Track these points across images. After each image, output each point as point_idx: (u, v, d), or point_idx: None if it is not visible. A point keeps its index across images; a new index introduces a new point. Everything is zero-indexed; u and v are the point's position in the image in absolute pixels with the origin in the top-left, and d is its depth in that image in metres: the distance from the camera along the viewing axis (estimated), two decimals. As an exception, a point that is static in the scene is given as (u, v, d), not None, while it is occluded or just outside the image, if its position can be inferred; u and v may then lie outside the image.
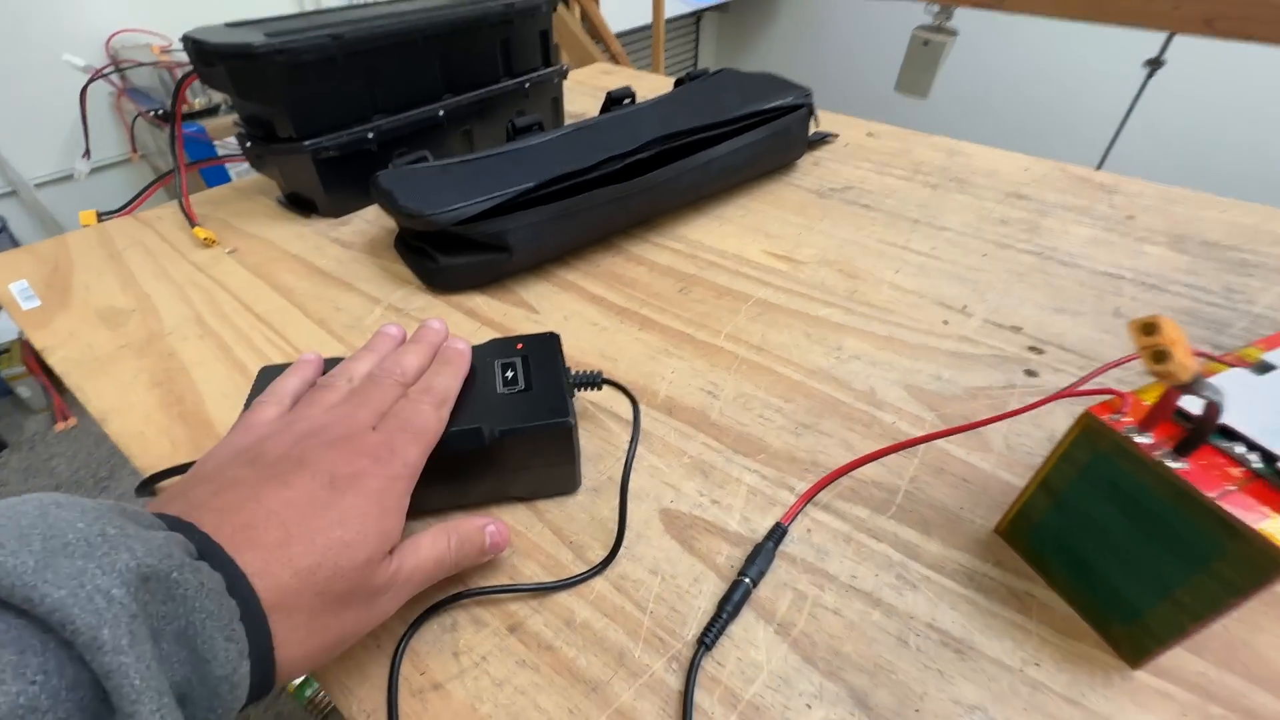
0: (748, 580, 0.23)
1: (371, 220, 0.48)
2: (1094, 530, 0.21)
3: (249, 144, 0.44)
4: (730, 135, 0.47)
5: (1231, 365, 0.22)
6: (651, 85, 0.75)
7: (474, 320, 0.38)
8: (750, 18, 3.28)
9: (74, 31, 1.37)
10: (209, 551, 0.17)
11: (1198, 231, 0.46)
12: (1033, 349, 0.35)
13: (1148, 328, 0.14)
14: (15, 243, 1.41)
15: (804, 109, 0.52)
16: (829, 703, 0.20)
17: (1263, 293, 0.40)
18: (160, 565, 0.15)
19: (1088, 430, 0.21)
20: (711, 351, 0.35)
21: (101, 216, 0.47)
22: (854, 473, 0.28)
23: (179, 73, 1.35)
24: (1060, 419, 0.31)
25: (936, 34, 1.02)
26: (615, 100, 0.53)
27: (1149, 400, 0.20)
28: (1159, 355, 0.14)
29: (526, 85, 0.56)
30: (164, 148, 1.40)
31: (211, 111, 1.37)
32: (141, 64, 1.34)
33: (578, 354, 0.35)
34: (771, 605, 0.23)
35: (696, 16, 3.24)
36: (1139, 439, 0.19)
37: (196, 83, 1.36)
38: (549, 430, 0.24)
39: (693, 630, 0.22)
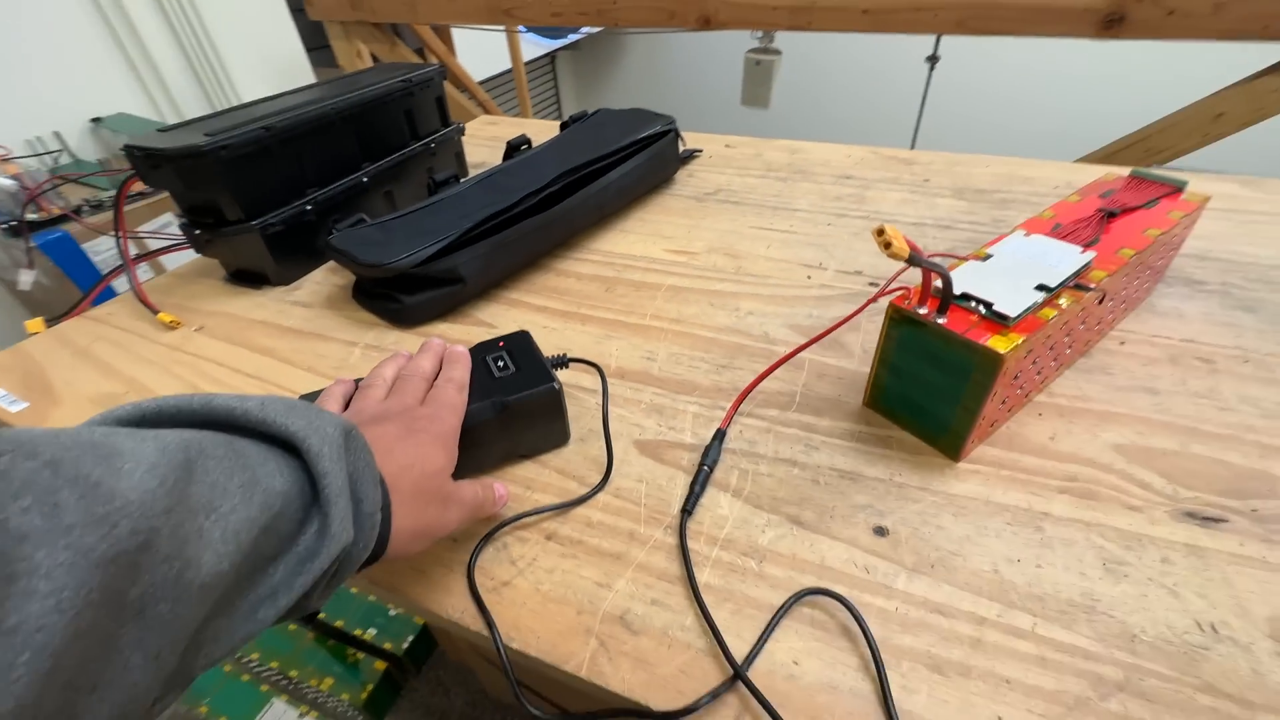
0: (706, 467, 0.33)
1: (321, 281, 0.53)
2: (916, 380, 0.33)
3: (197, 231, 0.49)
4: (618, 163, 0.58)
5: (969, 259, 0.34)
6: (538, 129, 0.85)
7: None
8: (600, 53, 3.49)
9: (-111, 153, 1.26)
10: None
11: (972, 183, 0.62)
12: (871, 284, 0.48)
13: (880, 231, 0.25)
14: None
15: (671, 133, 0.63)
16: (775, 527, 0.30)
17: (1017, 218, 0.56)
18: (349, 427, 0.23)
19: (893, 314, 0.32)
20: (642, 330, 0.45)
21: (50, 322, 0.49)
22: (761, 387, 0.38)
23: (26, 179, 1.28)
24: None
25: (765, 54, 1.20)
26: (515, 147, 0.62)
27: (929, 290, 0.32)
28: (886, 244, 0.25)
29: (432, 145, 0.64)
30: (18, 259, 1.31)
31: (67, 217, 1.30)
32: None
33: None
34: (726, 480, 0.33)
35: (551, 57, 3.41)
36: (920, 310, 0.31)
37: (44, 190, 1.28)
38: (543, 394, 0.33)
39: (675, 507, 0.31)
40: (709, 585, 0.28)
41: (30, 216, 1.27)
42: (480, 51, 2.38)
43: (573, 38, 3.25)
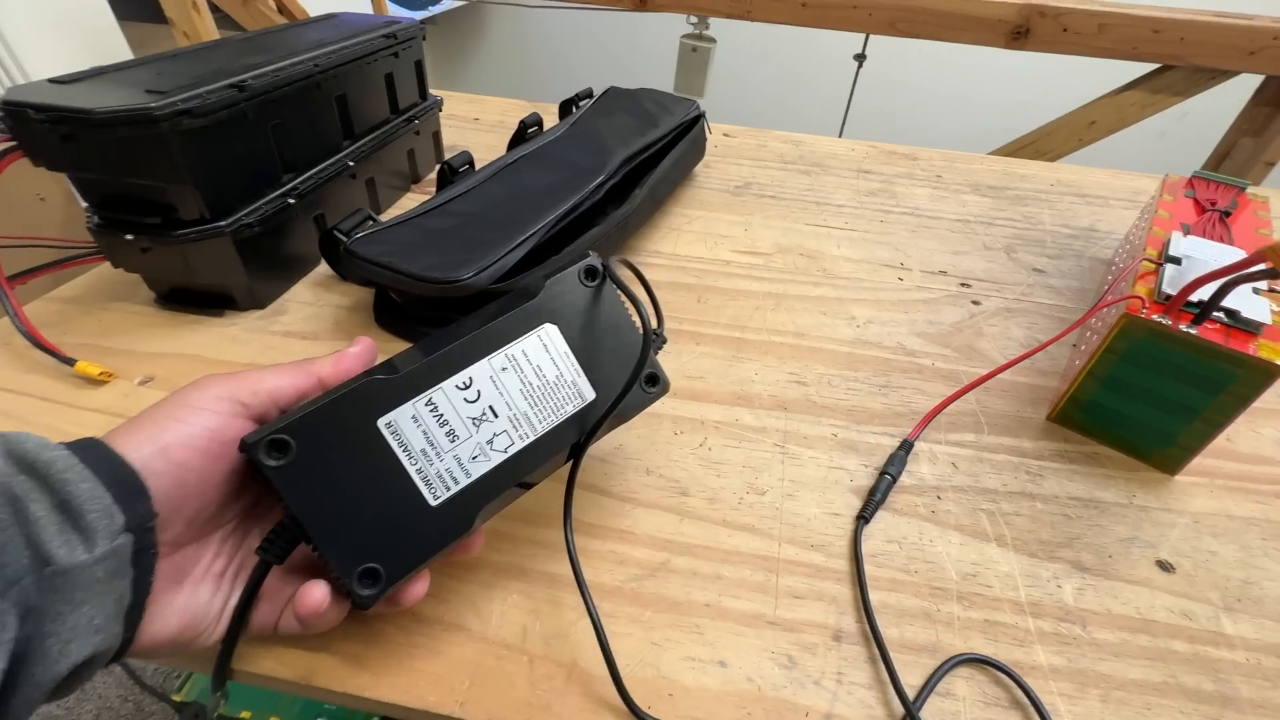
0: (889, 475, 0.29)
1: (311, 301, 0.39)
2: (1140, 393, 0.31)
3: (129, 236, 0.33)
4: (666, 150, 0.50)
5: (1162, 264, 0.33)
6: (496, 107, 0.73)
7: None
8: (461, 29, 3.23)
9: None
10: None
11: (981, 180, 0.64)
12: (963, 284, 0.46)
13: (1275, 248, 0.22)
14: None
15: (702, 119, 0.57)
16: (1067, 578, 0.26)
17: (1039, 213, 0.57)
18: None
19: (1127, 325, 0.30)
20: (767, 349, 0.38)
21: None
22: (933, 406, 0.34)
23: None
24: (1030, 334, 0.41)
25: (700, 41, 1.17)
26: (527, 126, 0.51)
27: (1147, 297, 0.30)
28: None
29: (416, 122, 0.51)
30: None
31: None
32: None
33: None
34: (978, 526, 0.28)
35: (409, 30, 3.09)
36: (1164, 320, 0.28)
37: None
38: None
39: (952, 572, 0.26)
40: (1056, 669, 0.23)
41: None
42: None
43: (434, 10, 2.97)
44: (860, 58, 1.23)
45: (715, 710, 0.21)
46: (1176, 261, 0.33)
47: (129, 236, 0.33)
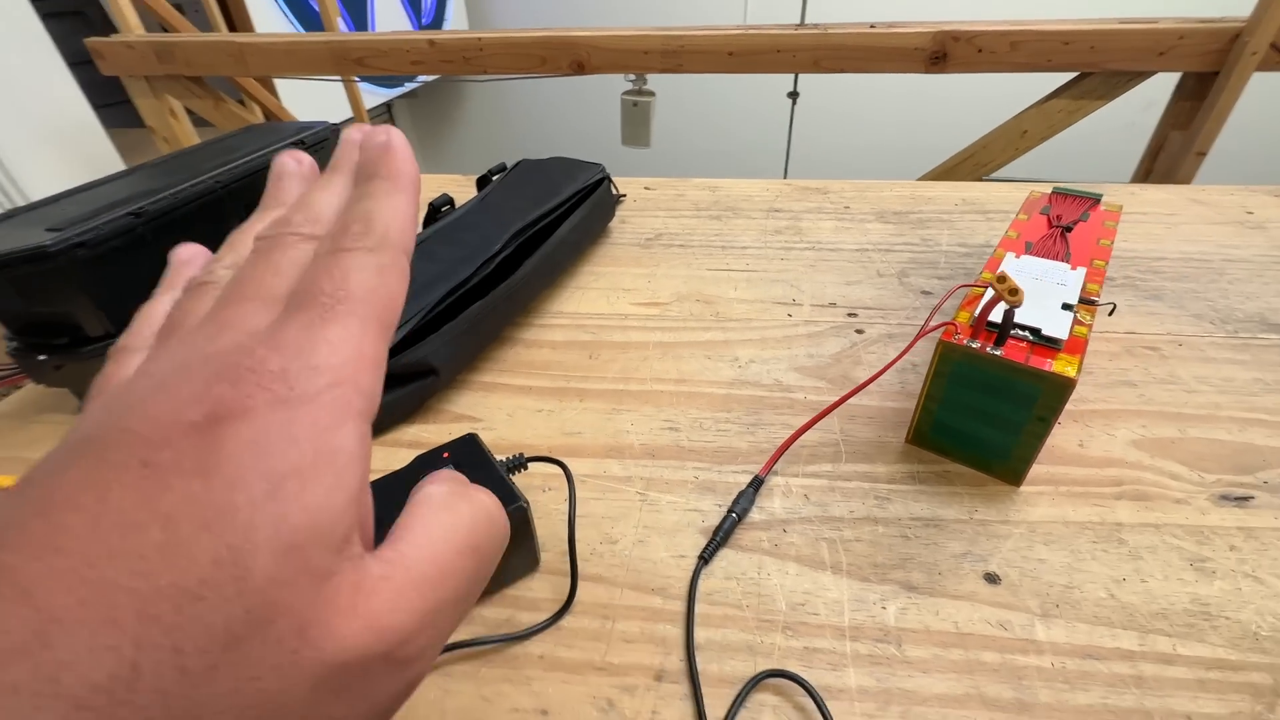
0: (734, 514, 0.31)
1: (225, 394, 0.43)
2: (971, 412, 0.33)
3: (41, 356, 0.36)
4: (564, 216, 0.54)
5: (987, 287, 0.35)
6: (438, 184, 0.78)
7: (421, 449, 0.37)
8: (442, 100, 3.39)
9: None
10: None
11: (887, 207, 0.67)
12: (850, 314, 0.49)
13: (1001, 279, 0.24)
14: None
15: (606, 180, 0.61)
16: (894, 599, 0.28)
17: (938, 235, 0.60)
18: None
19: (945, 350, 0.32)
20: (650, 397, 0.41)
21: None
22: (803, 441, 0.36)
23: None
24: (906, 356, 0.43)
25: (640, 96, 1.23)
26: (437, 208, 0.55)
27: (964, 323, 0.32)
28: (1012, 292, 0.24)
29: (334, 214, 0.55)
30: None
31: None
32: None
33: (538, 441, 0.38)
34: (819, 556, 0.30)
35: (387, 105, 3.24)
36: (974, 344, 0.31)
37: None
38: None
39: (781, 604, 0.28)
40: (864, 689, 0.24)
41: None
42: (309, 100, 2.19)
43: (410, 86, 3.12)
44: (793, 95, 1.29)
45: (535, 758, 0.23)
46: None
47: (41, 357, 0.36)
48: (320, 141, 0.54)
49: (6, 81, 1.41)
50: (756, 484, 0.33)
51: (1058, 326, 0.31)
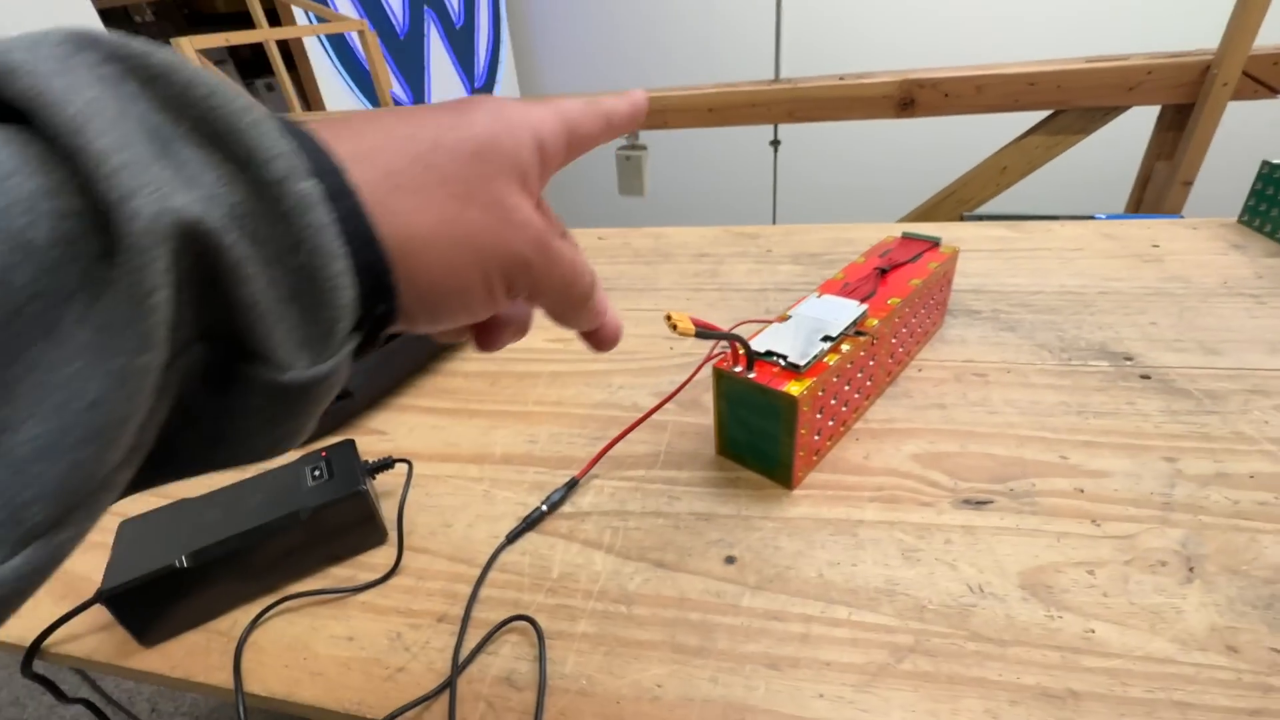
0: (544, 506, 0.38)
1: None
2: (746, 425, 0.39)
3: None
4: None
5: (774, 322, 0.42)
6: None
7: (337, 456, 0.48)
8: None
9: None
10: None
11: (806, 249, 0.74)
12: (723, 349, 0.56)
13: (668, 317, 0.32)
14: None
15: (543, 236, 0.71)
16: (642, 573, 0.35)
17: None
18: (143, 48, 0.12)
19: (716, 374, 0.39)
20: (525, 416, 0.49)
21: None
22: (630, 451, 0.44)
23: None
24: (741, 381, 0.50)
25: (633, 150, 1.35)
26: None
27: (738, 351, 0.39)
28: (673, 327, 0.32)
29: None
30: None
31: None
32: None
33: (424, 450, 0.47)
34: (599, 539, 0.37)
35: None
36: (735, 369, 0.38)
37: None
38: (350, 498, 0.36)
39: (555, 572, 0.35)
40: (586, 635, 0.32)
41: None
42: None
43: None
44: (775, 143, 1.37)
45: (333, 666, 0.31)
46: (788, 319, 0.42)
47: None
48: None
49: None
50: (572, 484, 0.41)
51: (803, 355, 0.37)
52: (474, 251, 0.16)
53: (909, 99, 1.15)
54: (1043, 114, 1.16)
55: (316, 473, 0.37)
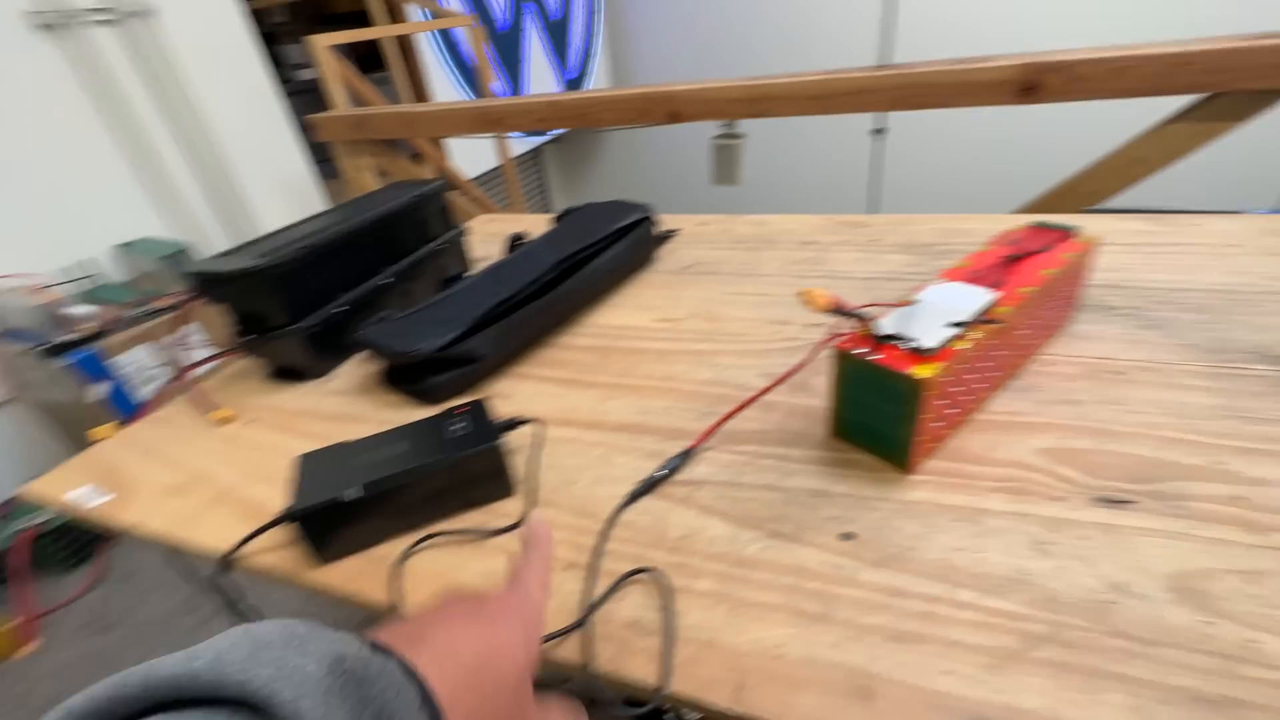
0: (666, 469, 0.39)
1: (352, 372, 0.61)
2: (865, 408, 0.39)
3: (248, 337, 0.57)
4: (605, 248, 0.67)
5: (899, 305, 0.42)
6: (533, 223, 0.95)
7: (465, 415, 0.52)
8: (583, 144, 3.77)
9: (-63, 290, 1.37)
10: (384, 650, 0.18)
11: (917, 239, 0.71)
12: (834, 334, 0.55)
13: (803, 292, 0.32)
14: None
15: (648, 219, 0.73)
16: (758, 541, 0.36)
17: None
18: (348, 650, 0.17)
19: (838, 356, 0.39)
20: (637, 389, 0.52)
21: (118, 426, 0.56)
22: (740, 427, 0.45)
23: (62, 306, 1.38)
24: (852, 367, 0.50)
25: (729, 139, 1.34)
26: (515, 242, 0.71)
27: (861, 332, 0.39)
28: (808, 301, 0.32)
29: (440, 246, 0.73)
30: (51, 379, 1.40)
31: (100, 334, 1.40)
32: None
33: (544, 416, 0.50)
34: (714, 506, 0.38)
35: (536, 151, 3.68)
36: (858, 351, 0.38)
37: (79, 313, 1.38)
38: (487, 451, 0.39)
39: (672, 534, 0.37)
40: (707, 592, 0.33)
41: (64, 338, 1.37)
42: (471, 152, 2.59)
43: (556, 132, 3.53)
44: (878, 131, 1.32)
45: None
46: (913, 304, 0.42)
47: (249, 337, 0.56)
48: (433, 194, 0.72)
49: (256, 145, 1.90)
50: (687, 453, 0.42)
51: (931, 338, 0.37)
52: None
53: (1033, 83, 1.07)
54: (1188, 99, 1.05)
55: (456, 426, 0.41)
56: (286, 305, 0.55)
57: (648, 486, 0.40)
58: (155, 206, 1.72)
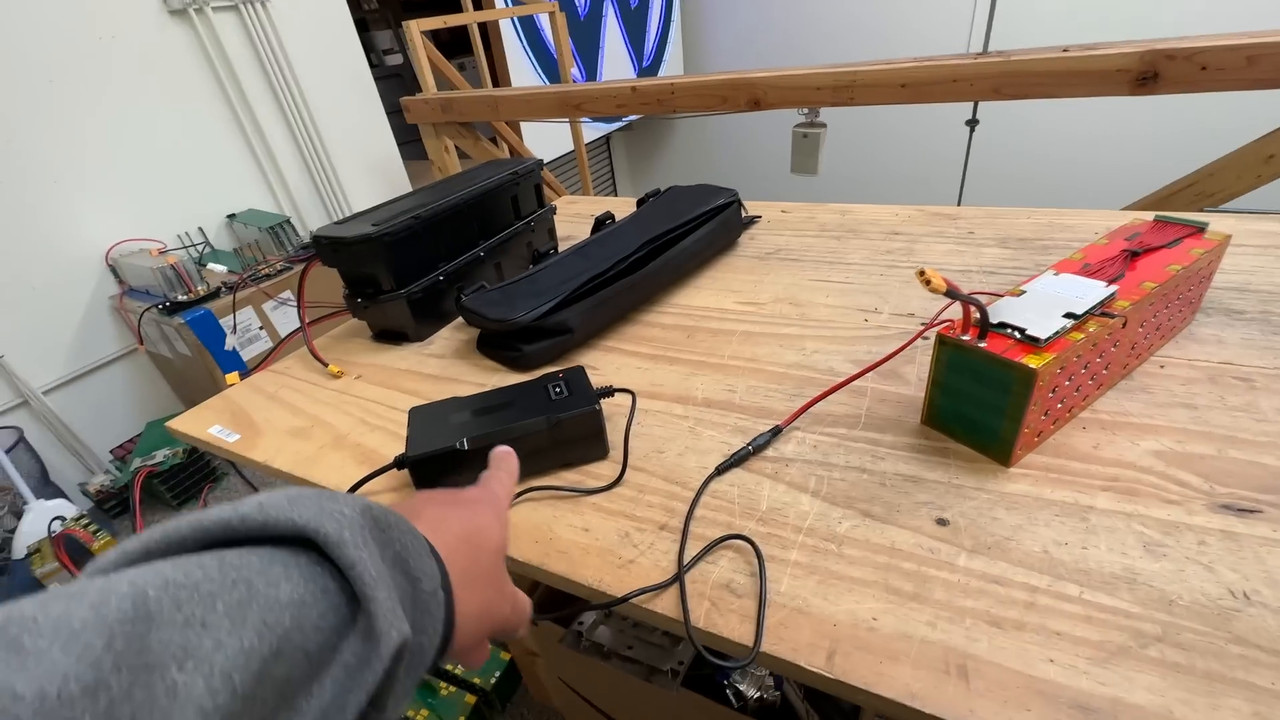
0: (750, 447, 0.40)
1: (448, 338, 0.64)
2: (965, 397, 0.39)
3: (358, 300, 0.61)
4: (691, 230, 0.67)
5: (1006, 295, 0.41)
6: (615, 204, 0.97)
7: (555, 383, 0.54)
8: (653, 132, 3.77)
9: (74, 250, 1.52)
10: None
11: (1015, 233, 0.68)
12: (923, 324, 0.54)
13: (920, 272, 0.32)
14: (33, 450, 1.47)
15: (735, 203, 0.73)
16: (849, 520, 0.36)
17: (1055, 260, 0.61)
18: (372, 505, 0.20)
19: (941, 340, 0.39)
20: (722, 368, 0.52)
21: (244, 375, 0.61)
22: (830, 410, 0.45)
23: (180, 267, 1.52)
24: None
25: (811, 128, 1.32)
26: (601, 221, 0.73)
27: (963, 320, 0.38)
28: (927, 282, 0.32)
29: (532, 223, 0.76)
30: (168, 334, 1.54)
31: (213, 296, 1.53)
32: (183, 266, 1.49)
33: (631, 384, 0.51)
34: (805, 484, 0.39)
35: (606, 138, 3.71)
36: (963, 338, 0.37)
37: (196, 274, 1.50)
38: (585, 414, 0.40)
39: (763, 506, 0.38)
40: (798, 563, 0.34)
41: (181, 297, 1.50)
42: (545, 137, 2.64)
43: (626, 120, 3.54)
44: (972, 122, 1.26)
45: (574, 549, 0.37)
46: (1021, 294, 0.40)
47: (357, 300, 0.61)
48: (528, 171, 0.75)
49: (349, 125, 2.01)
50: (775, 431, 0.43)
51: (1043, 329, 0.36)
52: (489, 620, 0.25)
53: (1151, 73, 1.00)
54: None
55: (557, 390, 0.43)
56: (394, 271, 0.59)
57: (736, 460, 0.41)
58: (261, 181, 1.86)
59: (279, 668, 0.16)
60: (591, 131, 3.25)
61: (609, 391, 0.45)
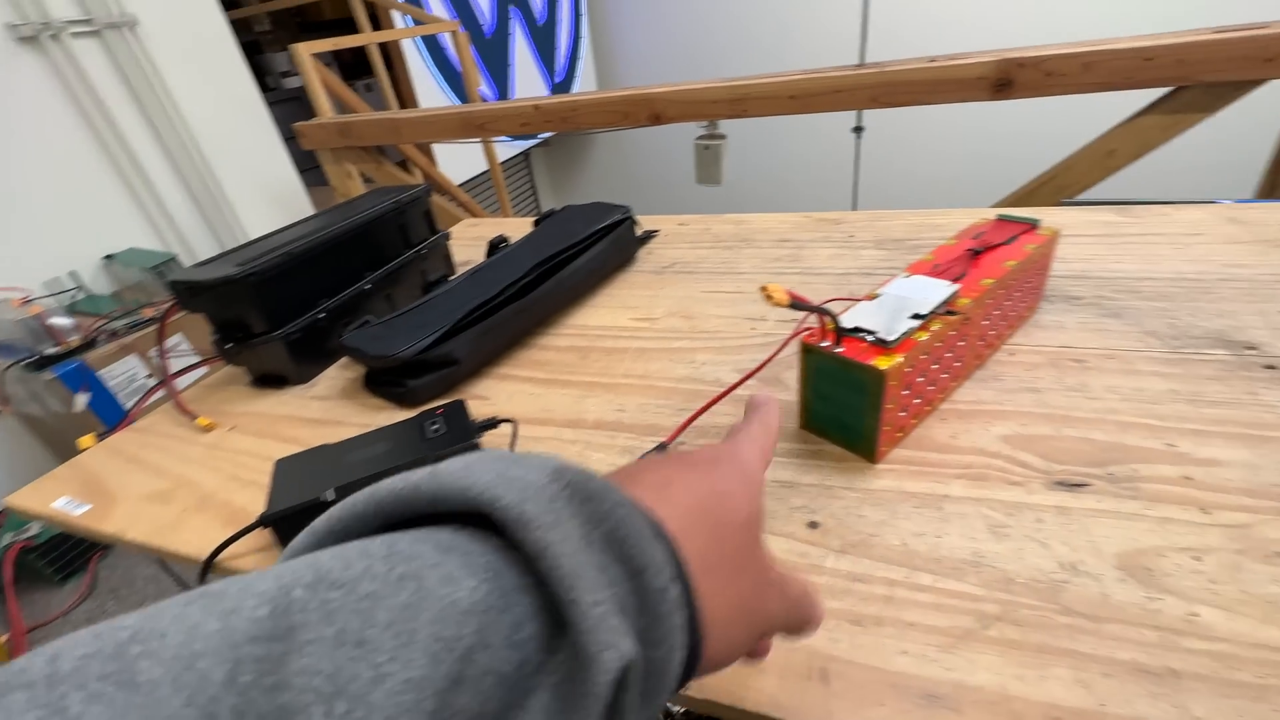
0: None
1: (334, 377, 0.61)
2: (832, 400, 0.40)
3: (228, 345, 0.57)
4: (584, 250, 0.67)
5: (863, 299, 0.43)
6: (515, 226, 0.96)
7: (445, 417, 0.52)
8: (570, 147, 3.78)
9: (-80, 306, 1.36)
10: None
11: (890, 235, 0.73)
12: (805, 329, 0.56)
13: (763, 288, 0.33)
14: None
15: (628, 220, 0.74)
16: (728, 532, 0.37)
17: (928, 261, 0.65)
18: (569, 466, 0.15)
19: (804, 349, 0.40)
20: (614, 388, 0.52)
21: (100, 436, 0.56)
22: (714, 423, 0.45)
23: (47, 319, 1.38)
24: (824, 361, 0.51)
25: (712, 140, 1.36)
26: (495, 245, 0.72)
27: (826, 327, 0.40)
28: (769, 297, 0.33)
29: (423, 251, 0.74)
30: (37, 392, 1.39)
31: (89, 346, 1.40)
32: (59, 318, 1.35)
33: (522, 415, 0.51)
34: (687, 501, 0.39)
35: (525, 154, 3.68)
36: (823, 344, 0.39)
37: (62, 324, 1.38)
38: (464, 449, 0.40)
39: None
40: (675, 581, 0.34)
41: (50, 350, 1.37)
42: (459, 157, 2.59)
43: (543, 136, 3.53)
44: (858, 129, 1.33)
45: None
46: (876, 298, 0.43)
47: (228, 345, 0.57)
48: (414, 199, 0.73)
49: (241, 154, 1.90)
50: (661, 447, 0.43)
51: (892, 331, 0.38)
52: (748, 621, 0.19)
53: (1006, 79, 1.09)
54: (1158, 92, 1.07)
55: (434, 427, 0.42)
56: (266, 313, 0.56)
57: (621, 482, 0.41)
58: (141, 217, 1.72)
59: (460, 698, 0.12)
60: (509, 149, 3.22)
61: (492, 423, 0.44)
